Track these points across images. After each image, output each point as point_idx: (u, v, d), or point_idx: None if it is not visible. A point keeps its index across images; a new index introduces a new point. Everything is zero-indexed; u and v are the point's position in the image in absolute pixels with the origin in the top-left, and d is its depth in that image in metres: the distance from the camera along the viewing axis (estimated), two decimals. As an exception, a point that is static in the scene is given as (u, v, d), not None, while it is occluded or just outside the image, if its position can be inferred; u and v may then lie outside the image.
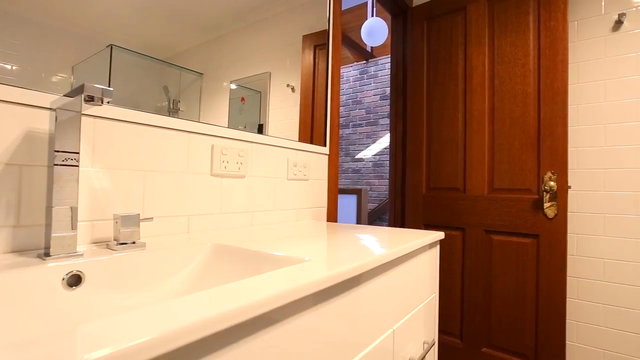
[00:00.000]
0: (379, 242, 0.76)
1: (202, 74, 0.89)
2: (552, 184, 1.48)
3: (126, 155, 0.71)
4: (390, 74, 2.13)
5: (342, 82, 4.71)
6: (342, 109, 4.68)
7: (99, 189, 0.67)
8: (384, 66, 4.37)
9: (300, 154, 1.21)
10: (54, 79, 0.62)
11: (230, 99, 0.97)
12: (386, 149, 4.22)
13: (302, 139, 1.23)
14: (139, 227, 0.64)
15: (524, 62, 1.61)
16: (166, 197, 0.78)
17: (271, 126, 1.11)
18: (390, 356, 0.69)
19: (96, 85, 0.50)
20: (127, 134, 0.71)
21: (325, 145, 1.34)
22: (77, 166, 0.56)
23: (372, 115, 4.43)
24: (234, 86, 0.99)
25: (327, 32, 1.35)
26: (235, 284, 0.41)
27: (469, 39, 1.77)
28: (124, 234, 0.61)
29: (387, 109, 4.26)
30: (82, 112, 0.64)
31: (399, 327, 0.74)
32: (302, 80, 1.24)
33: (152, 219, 0.66)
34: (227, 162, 0.93)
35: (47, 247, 0.59)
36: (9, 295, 0.44)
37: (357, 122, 4.53)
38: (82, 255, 0.55)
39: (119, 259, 0.57)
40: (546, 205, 1.51)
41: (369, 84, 4.47)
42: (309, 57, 1.27)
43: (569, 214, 1.67)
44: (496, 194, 1.67)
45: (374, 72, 4.44)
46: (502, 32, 1.68)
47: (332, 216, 1.37)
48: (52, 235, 0.52)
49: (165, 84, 0.81)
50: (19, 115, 0.57)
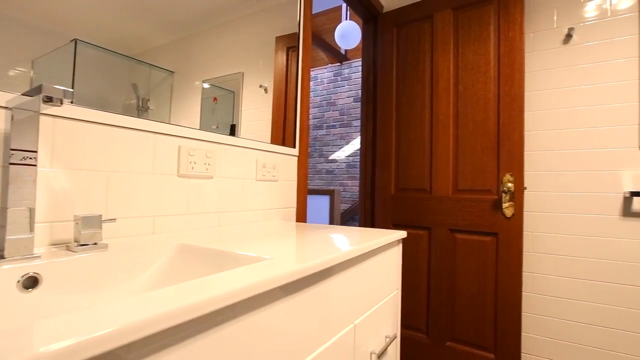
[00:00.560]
0: (343, 242, 0.79)
1: (173, 72, 0.88)
2: (510, 185, 1.57)
3: (89, 155, 0.70)
4: (361, 77, 2.18)
5: (316, 84, 4.74)
6: (316, 110, 4.72)
7: (59, 189, 0.66)
8: (358, 69, 4.44)
9: (269, 155, 1.22)
10: (12, 73, 0.60)
11: (202, 98, 0.97)
12: (359, 150, 4.29)
13: (274, 139, 1.25)
14: (101, 228, 0.63)
15: (486, 70, 1.70)
16: (131, 198, 0.78)
17: (244, 126, 1.12)
18: (351, 350, 0.73)
19: (56, 86, 0.49)
20: (89, 134, 0.70)
21: (295, 146, 1.36)
22: (35, 165, 0.55)
23: (345, 117, 4.49)
24: (206, 85, 0.98)
25: (297, 34, 1.37)
26: (189, 282, 0.43)
27: (435, 46, 1.85)
28: (85, 236, 0.61)
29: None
30: (41, 112, 0.63)
31: (360, 322, 0.77)
32: (274, 81, 1.25)
33: (115, 220, 0.66)
34: (195, 163, 0.93)
35: (2, 250, 0.58)
36: (-41, 298, 0.43)
37: (331, 123, 4.58)
38: (39, 257, 0.54)
39: (79, 261, 0.57)
40: (505, 205, 1.60)
41: (342, 86, 4.54)
42: (282, 58, 1.29)
43: (525, 213, 1.78)
44: (460, 194, 1.75)
45: (347, 74, 4.51)
46: (466, 41, 1.76)
47: (302, 216, 1.40)
48: (7, 237, 0.51)
49: (134, 81, 0.79)
50: (-28, 114, 0.55)
